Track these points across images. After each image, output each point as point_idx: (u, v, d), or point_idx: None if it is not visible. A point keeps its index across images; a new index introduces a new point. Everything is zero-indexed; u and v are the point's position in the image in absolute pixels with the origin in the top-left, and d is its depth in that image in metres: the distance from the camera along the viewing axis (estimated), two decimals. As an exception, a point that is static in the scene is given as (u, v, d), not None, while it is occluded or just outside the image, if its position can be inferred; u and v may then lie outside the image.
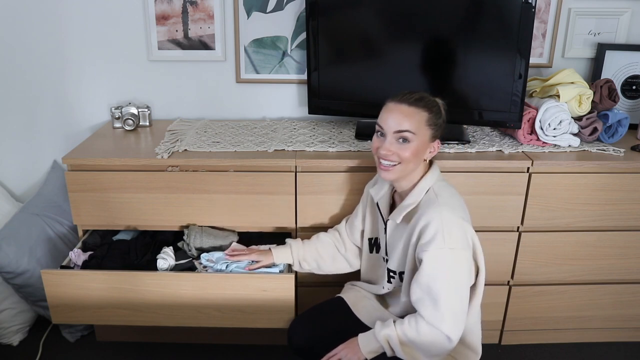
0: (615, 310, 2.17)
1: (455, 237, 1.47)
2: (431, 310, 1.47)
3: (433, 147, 1.57)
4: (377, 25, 2.02)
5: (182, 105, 2.37)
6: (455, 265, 1.47)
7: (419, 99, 1.54)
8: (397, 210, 1.59)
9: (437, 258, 1.46)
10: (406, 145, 1.52)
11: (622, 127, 2.06)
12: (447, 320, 1.46)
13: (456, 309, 1.47)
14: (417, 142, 1.52)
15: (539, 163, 1.91)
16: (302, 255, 1.83)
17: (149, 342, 2.21)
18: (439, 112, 1.56)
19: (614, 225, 2.02)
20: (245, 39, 2.27)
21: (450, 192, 1.57)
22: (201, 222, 1.96)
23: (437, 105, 1.57)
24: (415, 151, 1.52)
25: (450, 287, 1.46)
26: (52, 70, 2.30)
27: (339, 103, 2.13)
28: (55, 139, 2.39)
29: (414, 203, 1.55)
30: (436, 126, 1.55)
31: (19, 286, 2.08)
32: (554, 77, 2.05)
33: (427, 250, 1.46)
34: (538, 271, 2.06)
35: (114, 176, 1.91)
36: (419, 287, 1.48)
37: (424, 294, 1.48)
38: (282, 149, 2.00)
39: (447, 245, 1.45)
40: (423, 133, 1.53)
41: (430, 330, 1.47)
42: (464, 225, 1.51)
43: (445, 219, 1.47)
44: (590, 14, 2.24)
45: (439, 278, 1.46)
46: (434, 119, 1.54)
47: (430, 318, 1.47)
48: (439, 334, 1.47)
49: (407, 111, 1.52)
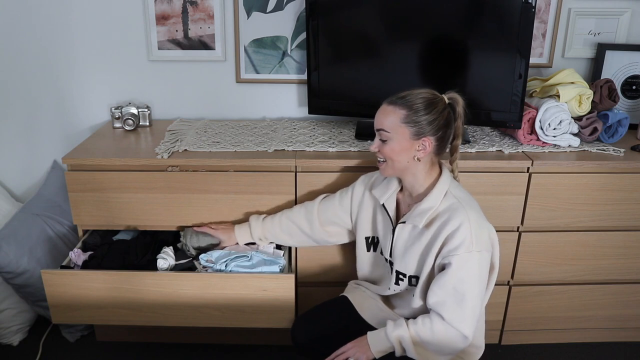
0: (615, 310, 2.17)
1: (482, 240, 1.49)
2: (453, 310, 1.48)
3: (422, 145, 1.53)
4: (377, 25, 2.02)
5: (182, 105, 2.37)
6: (481, 268, 1.49)
7: (403, 97, 1.53)
8: (417, 215, 1.55)
9: (466, 261, 1.47)
10: (385, 144, 1.55)
11: (622, 127, 2.06)
12: (467, 320, 1.48)
13: (477, 310, 1.50)
14: (394, 140, 1.53)
15: (539, 163, 1.91)
16: (262, 234, 1.86)
17: (149, 342, 2.21)
18: (422, 109, 1.50)
19: (614, 225, 2.01)
20: (245, 39, 2.27)
21: (467, 194, 1.58)
22: (201, 222, 1.96)
23: (424, 101, 1.51)
24: (393, 149, 1.53)
25: (475, 289, 1.48)
26: (52, 71, 2.30)
27: (339, 103, 2.13)
28: (55, 139, 2.39)
29: (433, 207, 1.54)
30: (417, 124, 1.50)
31: (19, 286, 2.08)
32: (554, 77, 2.05)
33: (457, 254, 1.47)
34: (538, 271, 2.06)
35: (114, 176, 1.91)
36: (442, 289, 1.49)
37: (446, 296, 1.48)
38: (282, 149, 2.00)
39: (475, 248, 1.47)
40: (400, 131, 1.52)
41: (445, 330, 1.48)
42: (488, 227, 1.54)
43: (473, 222, 1.49)
44: (590, 14, 2.24)
45: (467, 280, 1.47)
46: (412, 116, 1.50)
47: (450, 318, 1.48)
48: (456, 334, 1.48)
49: (385, 110, 1.55)
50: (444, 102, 1.55)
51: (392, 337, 1.52)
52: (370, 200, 1.74)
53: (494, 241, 1.57)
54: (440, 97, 1.55)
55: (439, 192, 1.54)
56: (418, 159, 1.54)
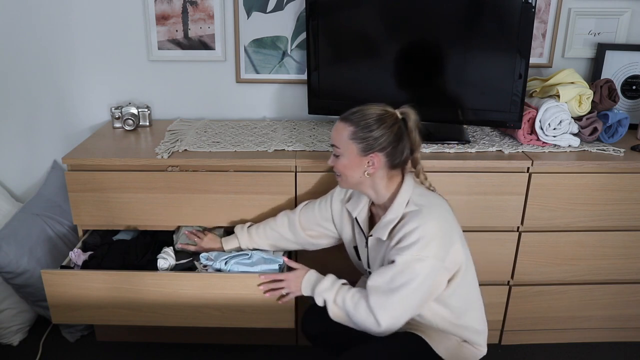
0: (615, 310, 2.17)
1: (433, 247, 1.48)
2: (379, 297, 1.50)
3: (371, 161, 1.53)
4: (377, 25, 2.02)
5: (182, 105, 2.37)
6: (426, 275, 1.48)
7: (352, 113, 1.55)
8: (381, 227, 1.57)
9: (410, 264, 1.47)
10: (338, 159, 1.58)
11: (622, 127, 2.06)
12: (388, 312, 1.50)
13: (405, 308, 1.51)
14: (345, 156, 1.55)
15: (539, 163, 1.91)
16: (249, 243, 1.87)
17: (149, 342, 2.21)
18: (370, 125, 1.51)
19: (614, 225, 2.02)
20: (245, 39, 2.27)
21: (433, 201, 1.56)
22: (201, 222, 1.97)
23: (373, 117, 1.51)
24: (345, 165, 1.56)
25: (410, 289, 1.48)
26: (52, 70, 2.30)
27: (339, 103, 2.12)
28: (55, 139, 2.39)
29: (396, 217, 1.55)
30: (364, 140, 1.51)
31: (19, 286, 2.08)
32: (554, 77, 2.05)
33: (403, 254, 1.48)
34: (538, 271, 2.06)
35: (114, 176, 1.91)
36: (381, 276, 1.51)
37: (381, 284, 1.50)
38: (282, 149, 2.00)
39: (424, 254, 1.47)
40: (349, 148, 1.54)
41: (365, 313, 1.52)
42: (444, 235, 1.51)
43: (427, 228, 1.48)
44: (590, 14, 2.24)
45: (406, 279, 1.47)
46: (360, 132, 1.51)
47: (374, 304, 1.50)
48: (372, 320, 1.51)
49: (337, 126, 1.58)
50: (395, 117, 1.53)
51: (317, 298, 1.60)
52: (347, 213, 1.75)
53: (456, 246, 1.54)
54: (391, 112, 1.54)
55: (401, 202, 1.55)
56: (368, 174, 1.55)
